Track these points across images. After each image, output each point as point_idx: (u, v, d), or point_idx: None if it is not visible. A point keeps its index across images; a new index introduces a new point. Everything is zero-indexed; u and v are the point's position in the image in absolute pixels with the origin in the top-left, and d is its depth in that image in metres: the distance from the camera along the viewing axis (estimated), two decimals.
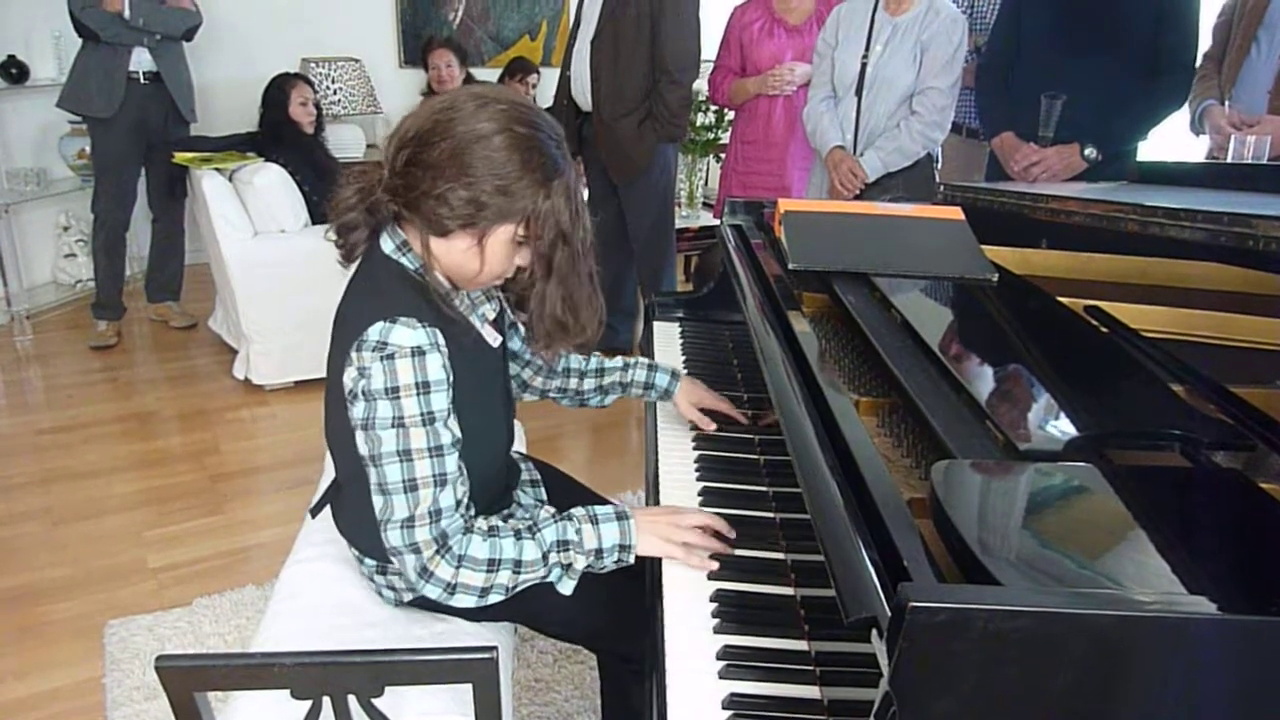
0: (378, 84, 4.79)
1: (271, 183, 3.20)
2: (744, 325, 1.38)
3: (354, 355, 1.07)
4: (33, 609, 2.11)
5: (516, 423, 1.65)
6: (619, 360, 1.48)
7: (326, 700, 0.93)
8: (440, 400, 1.08)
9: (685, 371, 1.66)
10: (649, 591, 1.12)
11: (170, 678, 0.90)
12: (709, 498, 1.25)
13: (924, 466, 0.94)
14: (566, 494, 1.46)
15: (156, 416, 3.13)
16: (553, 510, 1.16)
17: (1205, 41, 2.53)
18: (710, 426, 1.42)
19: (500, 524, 1.12)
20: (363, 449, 1.09)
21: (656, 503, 1.27)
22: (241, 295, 3.18)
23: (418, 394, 1.06)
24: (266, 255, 3.18)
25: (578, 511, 1.14)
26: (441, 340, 1.09)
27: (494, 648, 0.94)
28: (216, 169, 3.26)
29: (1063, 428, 0.90)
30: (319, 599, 1.32)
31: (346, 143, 4.52)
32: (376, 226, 1.15)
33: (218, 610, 2.09)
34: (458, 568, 1.07)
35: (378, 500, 1.09)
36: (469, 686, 0.95)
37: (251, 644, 1.29)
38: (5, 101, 4.04)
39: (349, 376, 1.08)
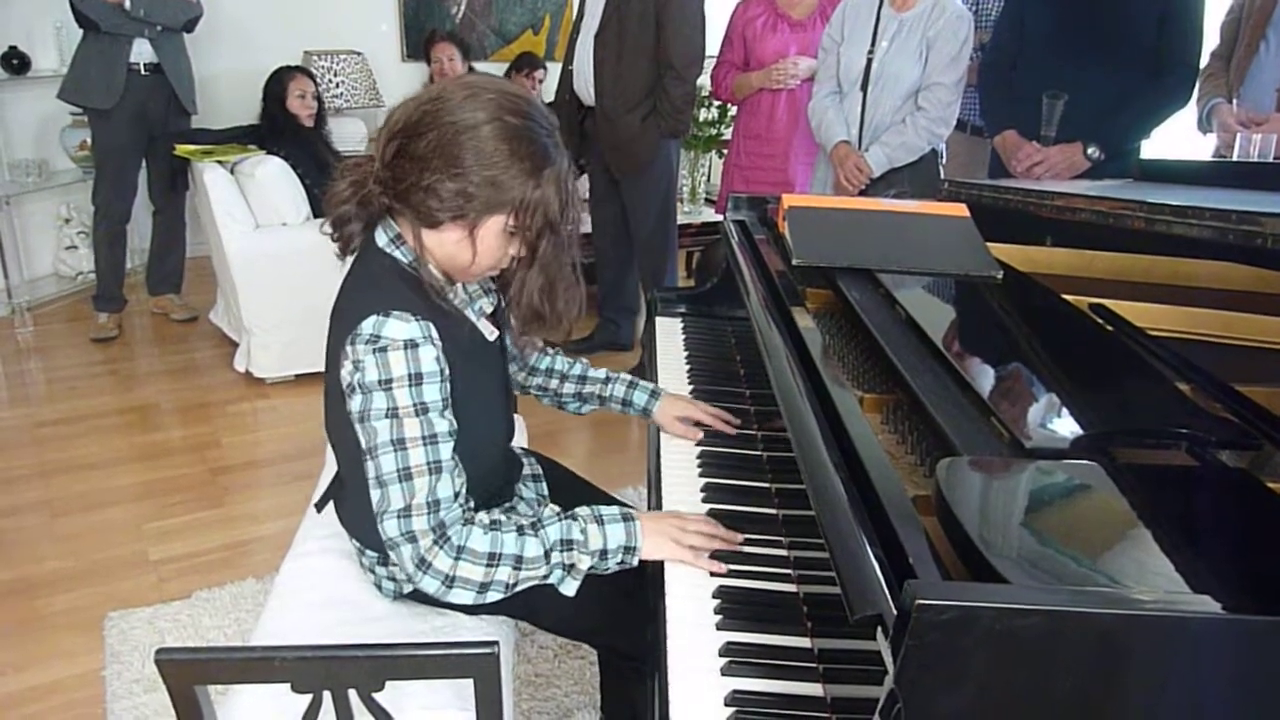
0: (380, 77, 4.78)
1: (273, 175, 3.19)
2: (747, 321, 1.37)
3: (349, 349, 1.07)
4: (33, 601, 2.10)
5: (518, 417, 1.64)
6: (602, 372, 1.47)
7: (327, 694, 0.93)
8: (433, 392, 1.07)
9: (688, 368, 1.66)
10: (651, 589, 1.12)
11: (170, 671, 0.90)
12: (711, 494, 1.25)
13: (928, 464, 0.94)
14: (569, 489, 1.46)
15: (157, 409, 3.13)
16: (557, 509, 1.14)
17: (1210, 40, 2.52)
18: (697, 435, 1.39)
19: (503, 518, 1.11)
20: (361, 442, 1.09)
21: (659, 499, 1.27)
22: (243, 288, 3.17)
23: (410, 385, 1.06)
24: (268, 248, 3.17)
25: (582, 511, 1.12)
26: (435, 334, 1.09)
27: (495, 643, 0.94)
28: (218, 161, 3.25)
29: (1068, 425, 0.89)
30: (320, 593, 1.32)
31: (348, 136, 4.51)
32: (370, 220, 1.15)
33: (218, 603, 2.09)
34: (456, 559, 1.06)
35: (375, 494, 1.08)
36: (470, 681, 0.95)
37: (251, 637, 1.29)
38: (7, 92, 4.03)
39: (345, 370, 1.09)
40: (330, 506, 1.41)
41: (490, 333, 1.25)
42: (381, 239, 1.14)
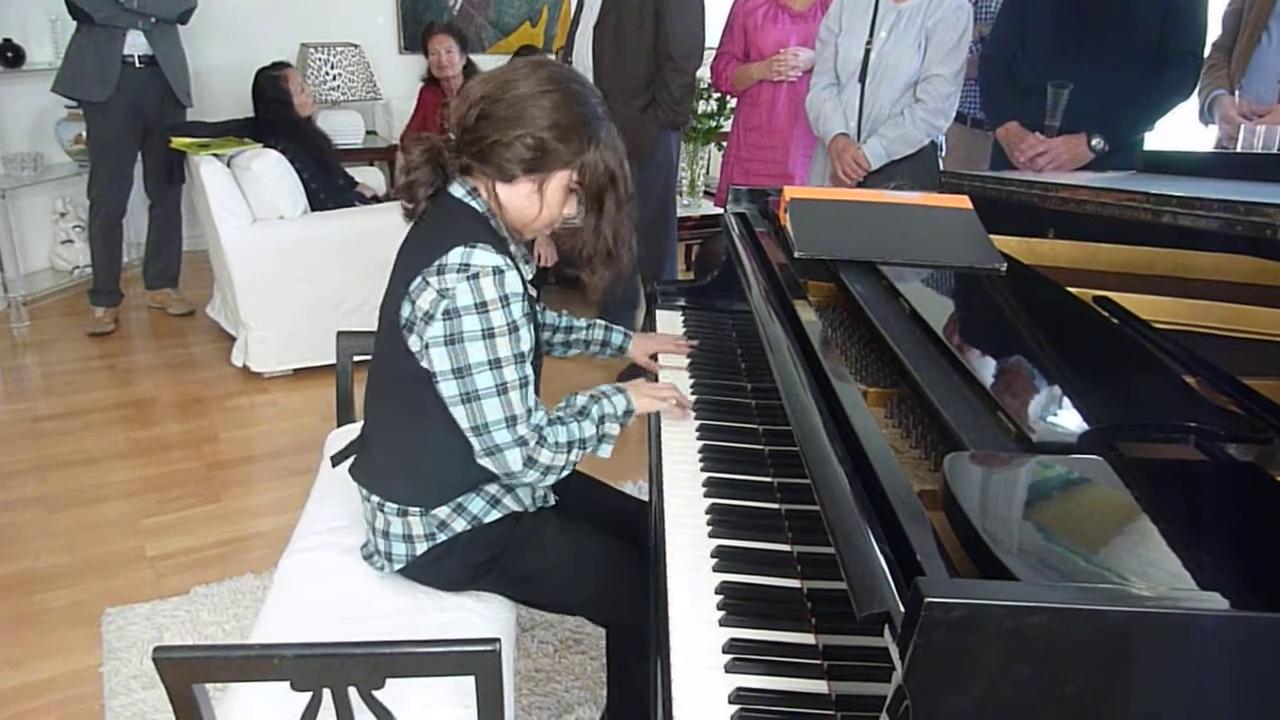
0: (377, 70, 4.75)
1: (270, 169, 3.17)
2: (748, 314, 1.36)
3: (434, 279, 1.18)
4: (30, 597, 2.10)
5: None
6: (582, 320, 1.65)
7: (327, 692, 0.92)
8: (520, 309, 1.20)
9: (688, 361, 1.65)
10: (653, 584, 1.11)
11: (168, 669, 0.89)
12: (713, 488, 1.24)
13: (933, 458, 0.93)
14: (569, 482, 1.45)
15: (154, 404, 3.12)
16: (582, 401, 1.33)
17: (1214, 30, 2.50)
18: (656, 369, 1.61)
19: (556, 413, 1.30)
20: (441, 364, 1.19)
21: (660, 496, 1.26)
22: (240, 282, 3.16)
23: (503, 306, 1.19)
24: (265, 242, 3.15)
25: (589, 393, 1.34)
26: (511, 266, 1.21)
27: (497, 640, 0.93)
28: (214, 155, 3.23)
29: (1074, 419, 0.89)
30: (319, 589, 1.31)
31: (346, 129, 4.49)
32: (443, 181, 1.28)
33: (216, 599, 2.08)
34: (555, 453, 1.25)
35: (460, 410, 1.20)
36: (471, 678, 0.94)
37: (250, 634, 1.28)
38: (1, 86, 4.00)
39: (426, 299, 1.18)
40: (328, 503, 1.40)
41: (533, 291, 1.35)
42: (459, 191, 1.27)
